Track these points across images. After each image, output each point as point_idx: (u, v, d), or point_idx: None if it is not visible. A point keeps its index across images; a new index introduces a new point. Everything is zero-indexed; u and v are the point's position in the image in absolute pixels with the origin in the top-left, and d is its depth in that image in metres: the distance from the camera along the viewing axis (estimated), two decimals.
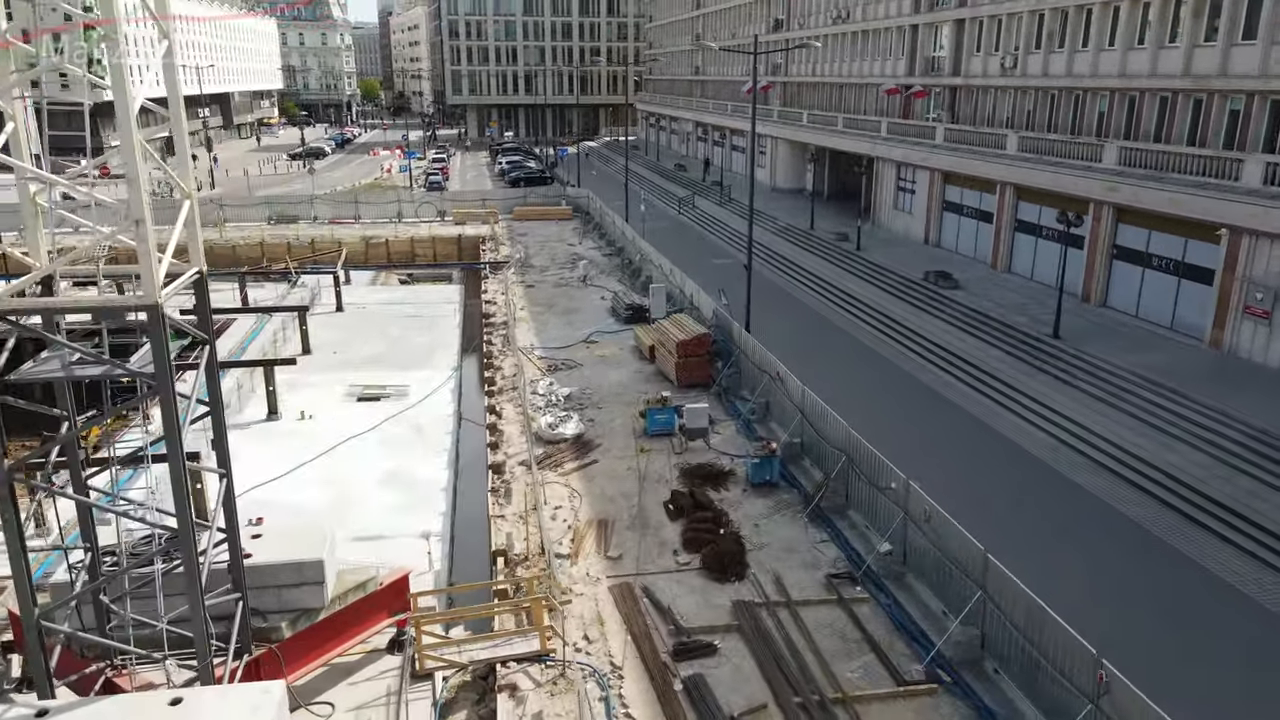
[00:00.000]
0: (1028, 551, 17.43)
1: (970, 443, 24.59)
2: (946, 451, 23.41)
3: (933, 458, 21.97)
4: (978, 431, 25.37)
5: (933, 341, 31.66)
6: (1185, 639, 16.28)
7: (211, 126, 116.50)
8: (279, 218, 58.46)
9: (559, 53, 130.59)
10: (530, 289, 42.18)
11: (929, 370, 30.02)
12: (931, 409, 26.98)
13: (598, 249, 51.03)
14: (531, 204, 62.58)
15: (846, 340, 34.08)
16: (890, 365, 30.97)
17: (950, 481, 19.75)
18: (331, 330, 39.05)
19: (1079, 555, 18.72)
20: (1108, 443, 23.19)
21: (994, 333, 31.74)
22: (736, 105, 77.38)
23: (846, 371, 29.77)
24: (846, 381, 27.67)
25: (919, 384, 29.12)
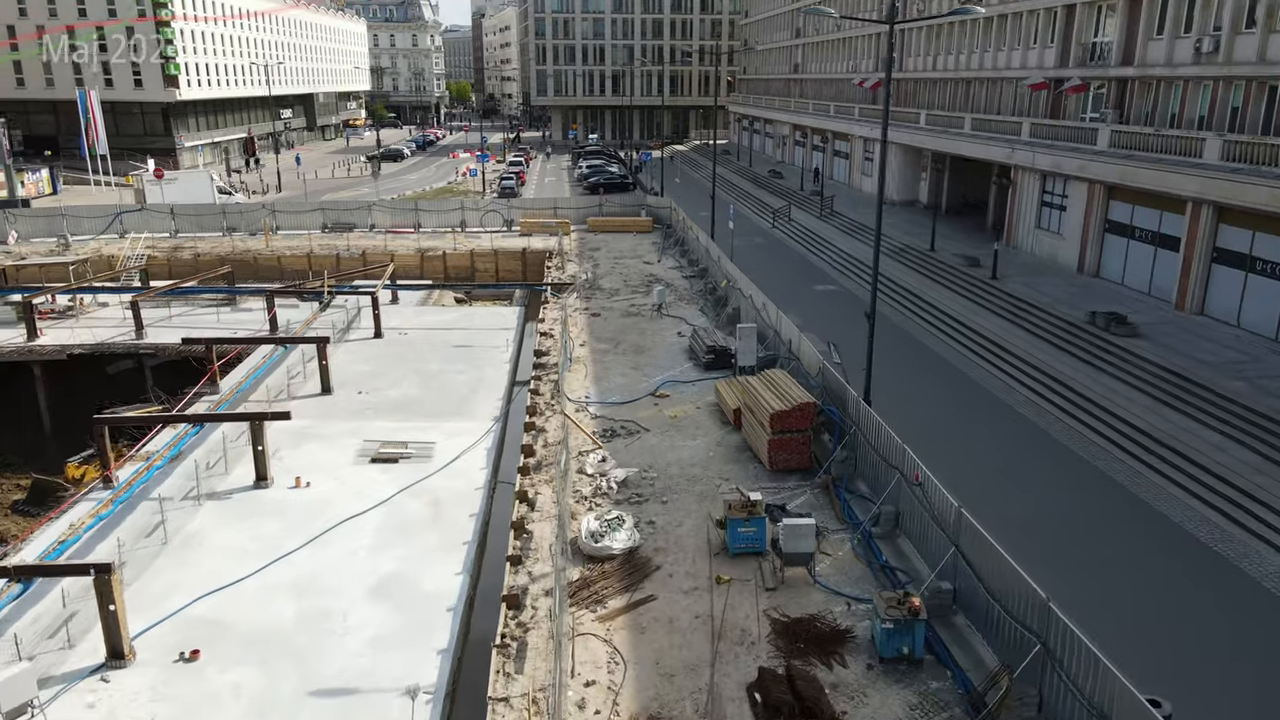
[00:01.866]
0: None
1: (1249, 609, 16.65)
2: (1217, 637, 15.58)
3: (1205, 647, 14.26)
4: (1254, 594, 17.29)
5: (1126, 421, 23.57)
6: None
7: (294, 128, 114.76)
8: (333, 225, 53.69)
9: (649, 52, 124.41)
10: (595, 318, 35.63)
11: (1129, 466, 21.91)
12: (1159, 539, 19.03)
13: (678, 269, 44.17)
14: (608, 214, 56.20)
15: (997, 409, 26.25)
16: (1069, 455, 23.01)
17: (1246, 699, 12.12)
18: (363, 362, 33.42)
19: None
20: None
21: (1212, 409, 23.44)
22: (841, 106, 69.45)
23: (1009, 464, 22.11)
24: (1015, 483, 20.09)
25: (1121, 490, 21.11)
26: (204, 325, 37.30)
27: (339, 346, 34.88)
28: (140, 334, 35.58)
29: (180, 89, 78.29)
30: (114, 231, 51.29)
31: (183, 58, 78.63)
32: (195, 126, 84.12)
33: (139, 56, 60.05)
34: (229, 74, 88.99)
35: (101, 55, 76.00)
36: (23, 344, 34.85)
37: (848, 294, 39.95)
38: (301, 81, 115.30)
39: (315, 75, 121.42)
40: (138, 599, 18.05)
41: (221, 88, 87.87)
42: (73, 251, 47.33)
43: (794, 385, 21.99)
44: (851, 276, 42.35)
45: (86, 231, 51.01)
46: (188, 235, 51.66)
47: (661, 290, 35.24)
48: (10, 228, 49.58)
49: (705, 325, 33.48)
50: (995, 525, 14.81)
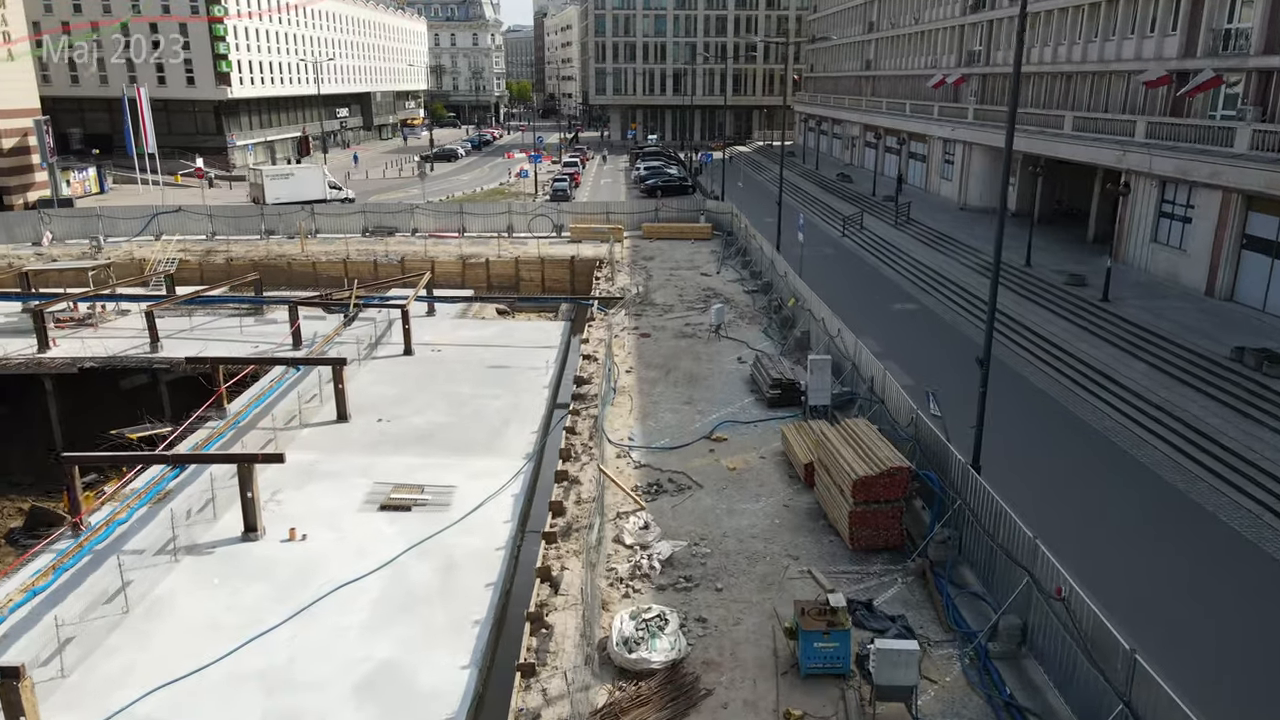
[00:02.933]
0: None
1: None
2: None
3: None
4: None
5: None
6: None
7: (350, 127, 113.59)
8: (374, 229, 50.95)
9: (712, 49, 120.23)
10: (644, 339, 31.81)
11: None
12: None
13: (738, 282, 40.10)
14: (665, 219, 52.40)
15: (1130, 469, 21.54)
16: (1246, 548, 18.28)
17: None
18: (388, 382, 30.25)
19: None
20: None
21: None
22: (918, 105, 64.45)
23: (1172, 562, 17.54)
24: (1193, 596, 15.62)
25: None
26: (225, 337, 34.63)
27: (364, 365, 31.80)
28: (155, 347, 33.00)
29: (232, 87, 76.91)
30: (151, 233, 49.36)
31: (235, 55, 77.29)
32: (248, 125, 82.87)
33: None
34: (283, 72, 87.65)
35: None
36: (33, 355, 32.53)
37: (930, 314, 35.40)
38: (358, 80, 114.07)
39: (373, 74, 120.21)
40: (74, 694, 14.90)
41: (275, 86, 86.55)
42: (104, 254, 45.39)
43: (881, 442, 17.82)
44: (934, 293, 37.74)
45: (123, 233, 49.16)
46: (225, 238, 49.47)
47: (720, 309, 31.25)
48: (45, 228, 47.95)
49: (769, 351, 29.40)
50: (1179, 664, 10.54)
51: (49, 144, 55.98)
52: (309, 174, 65.14)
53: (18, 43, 54.96)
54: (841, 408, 24.04)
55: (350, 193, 66.80)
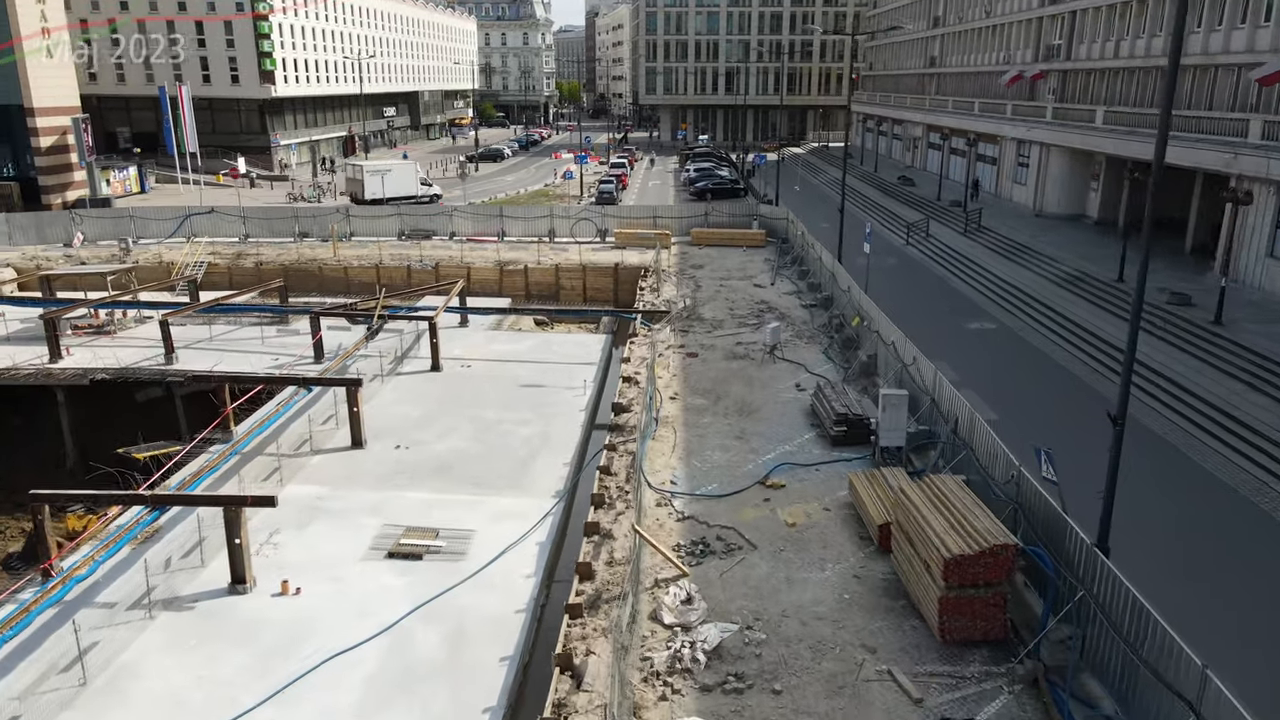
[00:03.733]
0: None
1: None
2: None
3: None
4: None
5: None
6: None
7: (397, 126, 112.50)
8: (410, 232, 48.77)
9: (766, 47, 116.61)
10: (691, 360, 28.81)
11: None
12: None
13: (794, 295, 36.87)
14: (715, 224, 49.34)
15: (1275, 535, 17.96)
16: None
17: None
18: (411, 402, 27.83)
19: None
20: None
21: None
22: (988, 104, 60.36)
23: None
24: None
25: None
26: (244, 348, 32.56)
27: (387, 382, 29.40)
28: (170, 358, 31.02)
29: (276, 85, 75.76)
30: (183, 235, 47.83)
31: (280, 53, 76.12)
32: (292, 125, 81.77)
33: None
34: (329, 71, 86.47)
35: (200, 50, 74.25)
36: (43, 365, 30.76)
37: (1010, 335, 31.79)
38: (406, 79, 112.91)
39: (421, 73, 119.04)
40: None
41: (320, 85, 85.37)
42: (133, 256, 43.89)
43: (978, 510, 14.59)
44: (1013, 310, 34.10)
45: (155, 235, 47.73)
46: (257, 240, 47.72)
47: (776, 328, 28.11)
48: (77, 229, 46.69)
49: (831, 378, 26.17)
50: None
51: (87, 142, 54.99)
52: (404, 170, 64.69)
53: (55, 32, 53.99)
54: (918, 450, 20.80)
55: (437, 189, 66.60)
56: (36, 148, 54.48)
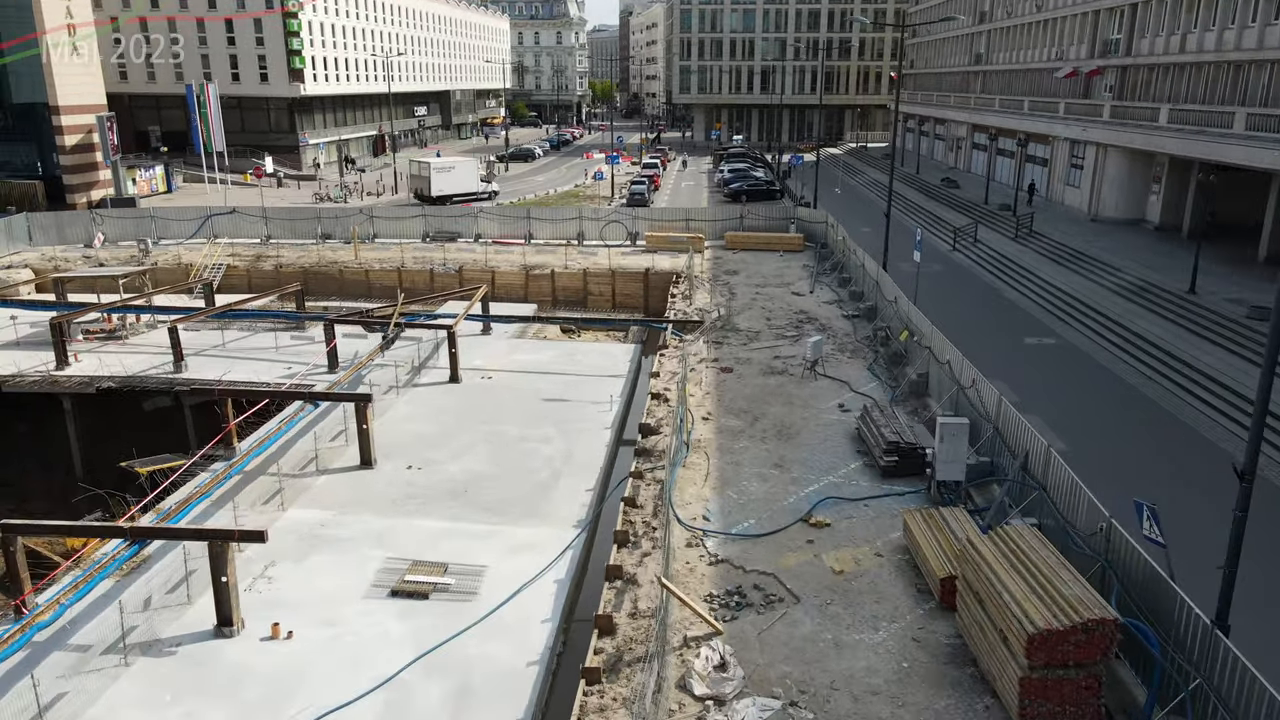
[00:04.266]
0: None
1: None
2: None
3: None
4: None
5: None
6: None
7: (428, 126, 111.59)
8: (435, 235, 47.26)
9: (803, 45, 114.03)
10: (725, 375, 26.79)
11: None
12: None
13: (835, 304, 34.70)
14: (750, 228, 47.24)
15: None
16: None
17: None
18: (427, 417, 26.18)
19: None
20: None
21: None
22: (1038, 102, 57.58)
23: None
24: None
25: None
26: (257, 355, 31.13)
27: (402, 394, 27.78)
28: (179, 366, 29.67)
29: (305, 83, 74.85)
30: (205, 235, 46.75)
31: (309, 51, 75.20)
32: (322, 123, 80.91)
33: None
34: (358, 69, 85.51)
35: (230, 49, 73.55)
36: (47, 373, 29.55)
37: (1073, 351, 29.38)
38: (437, 78, 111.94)
39: (452, 71, 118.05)
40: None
41: (350, 83, 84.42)
42: (152, 258, 42.84)
43: (1063, 570, 12.44)
44: (1073, 323, 31.66)
45: (176, 235, 46.70)
46: (279, 241, 46.50)
47: (818, 342, 26.00)
48: (98, 229, 45.79)
49: (877, 398, 24.03)
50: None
51: (112, 141, 54.23)
52: (467, 166, 65.93)
53: (81, 28, 53.31)
54: (978, 484, 18.65)
55: (495, 185, 67.69)
56: (61, 146, 53.85)
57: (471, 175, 65.53)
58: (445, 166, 64.64)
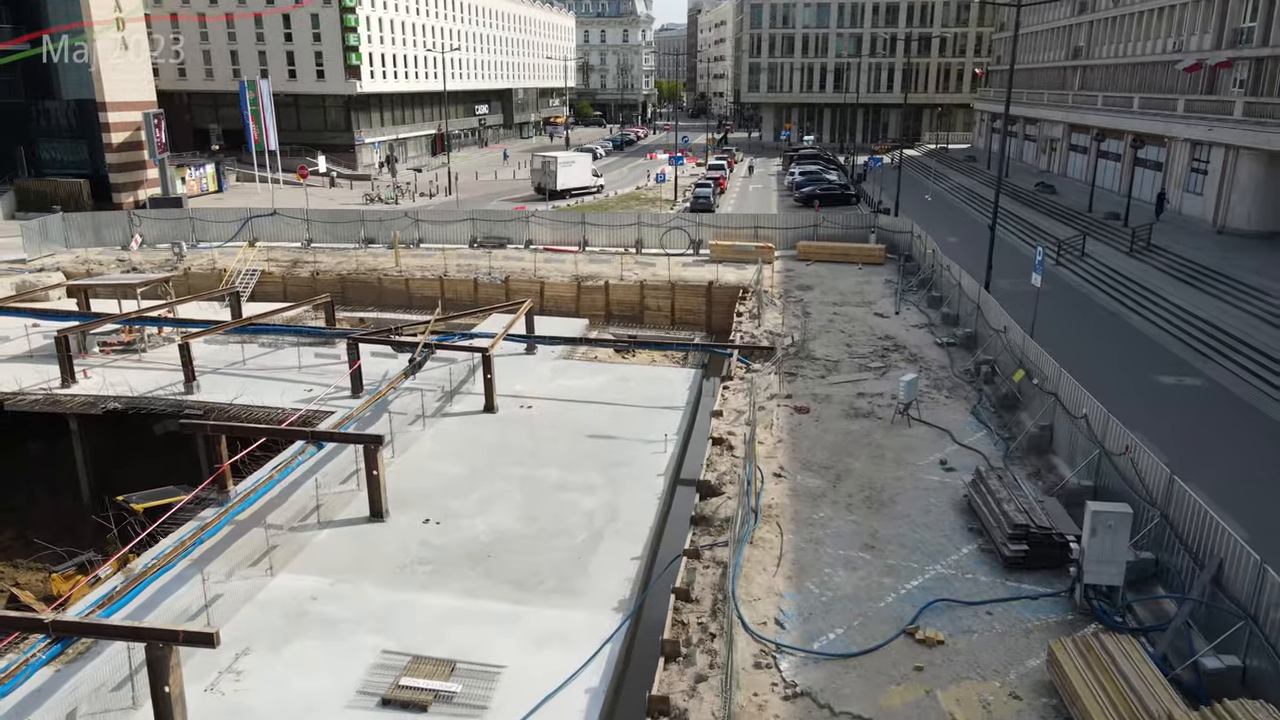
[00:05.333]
0: None
1: None
2: None
3: None
4: None
5: None
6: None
7: (489, 125, 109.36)
8: (483, 240, 44.08)
9: (879, 42, 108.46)
10: (800, 416, 22.70)
11: None
12: None
13: (926, 328, 30.25)
14: (825, 237, 42.90)
15: None
16: None
17: None
18: (454, 455, 22.93)
19: None
20: None
21: None
22: (1151, 99, 51.82)
23: None
24: None
25: None
26: (277, 374, 28.19)
27: (429, 426, 24.53)
28: (190, 386, 26.87)
29: (362, 80, 72.79)
30: (244, 238, 44.44)
31: (367, 48, 73.15)
32: (379, 122, 78.87)
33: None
34: (417, 66, 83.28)
35: (287, 44, 71.92)
36: (50, 392, 27.05)
37: (1227, 396, 24.40)
38: (500, 76, 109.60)
39: (515, 69, 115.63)
40: None
41: (409, 81, 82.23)
42: (186, 262, 40.58)
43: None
44: (1219, 360, 26.66)
45: (215, 237, 44.49)
46: (321, 246, 43.89)
47: (911, 383, 21.72)
48: (135, 231, 43.82)
49: (985, 452, 19.71)
50: None
51: (159, 138, 52.53)
52: (583, 161, 68.18)
53: (131, 23, 51.71)
54: (1138, 587, 14.29)
55: (603, 180, 69.00)
56: (108, 144, 52.37)
57: (586, 170, 67.34)
58: (568, 161, 66.41)
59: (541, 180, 64.88)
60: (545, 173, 64.81)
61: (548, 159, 65.65)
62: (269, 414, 25.62)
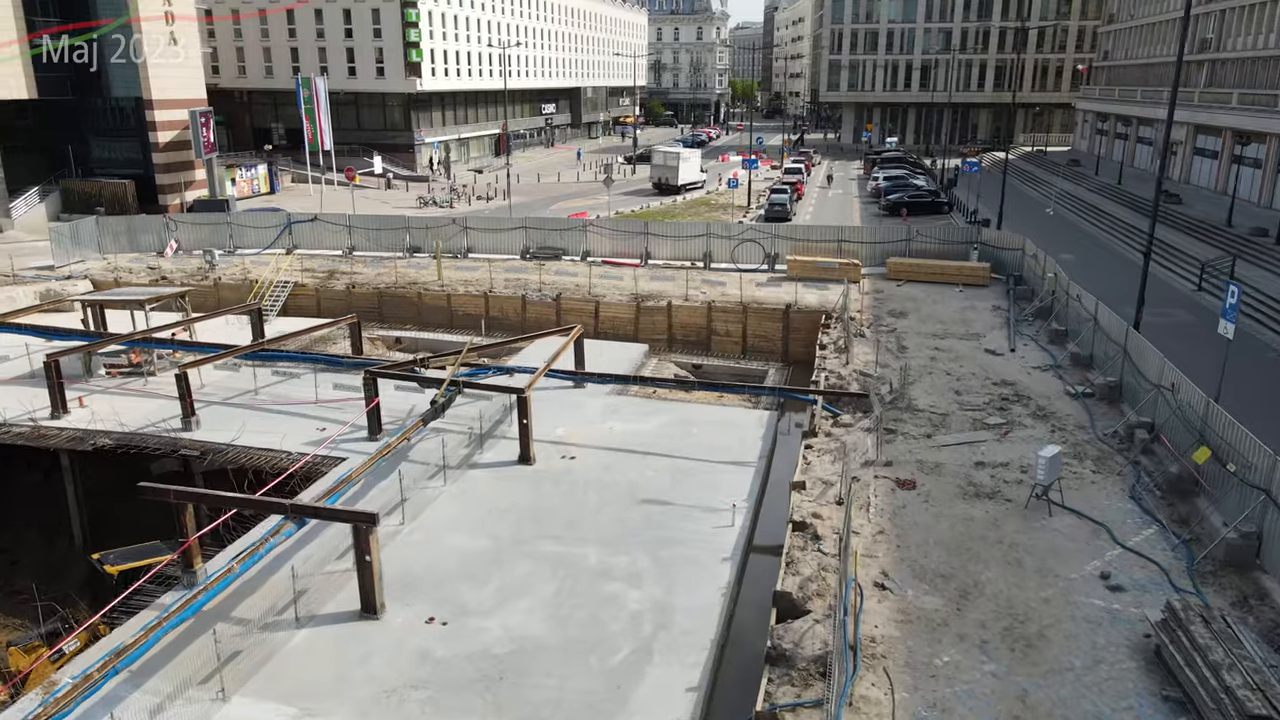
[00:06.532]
0: None
1: None
2: None
3: None
4: None
5: None
6: None
7: (556, 124, 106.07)
8: (537, 250, 40.17)
9: (970, 36, 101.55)
10: (903, 495, 17.91)
11: None
12: None
13: (1051, 371, 25.00)
14: (919, 253, 37.72)
15: None
16: None
17: None
18: (475, 524, 19.21)
19: None
20: None
21: None
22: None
23: None
24: None
25: None
26: (288, 408, 24.67)
27: (451, 481, 20.75)
28: (188, 422, 23.52)
29: (422, 78, 69.94)
30: (283, 245, 41.49)
31: (428, 44, 70.27)
32: (440, 121, 76.01)
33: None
34: (480, 63, 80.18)
35: (347, 41, 69.54)
36: (35, 424, 23.98)
37: None
38: (568, 74, 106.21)
39: (584, 67, 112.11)
40: None
41: (471, 79, 79.20)
42: (218, 272, 37.68)
43: None
44: None
45: (253, 244, 41.63)
46: (362, 254, 40.62)
47: (1053, 460, 16.73)
48: (171, 236, 41.23)
49: (1164, 565, 14.69)
50: None
51: (206, 138, 50.20)
52: (696, 158, 70.05)
53: (181, 21, 49.44)
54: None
55: (705, 177, 69.65)
56: (155, 144, 50.25)
57: (698, 165, 69.12)
58: (687, 156, 67.67)
59: (663, 176, 65.50)
60: (666, 168, 65.36)
61: (668, 154, 66.54)
62: (270, 459, 22.07)
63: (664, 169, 66.21)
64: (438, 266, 36.52)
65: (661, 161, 66.93)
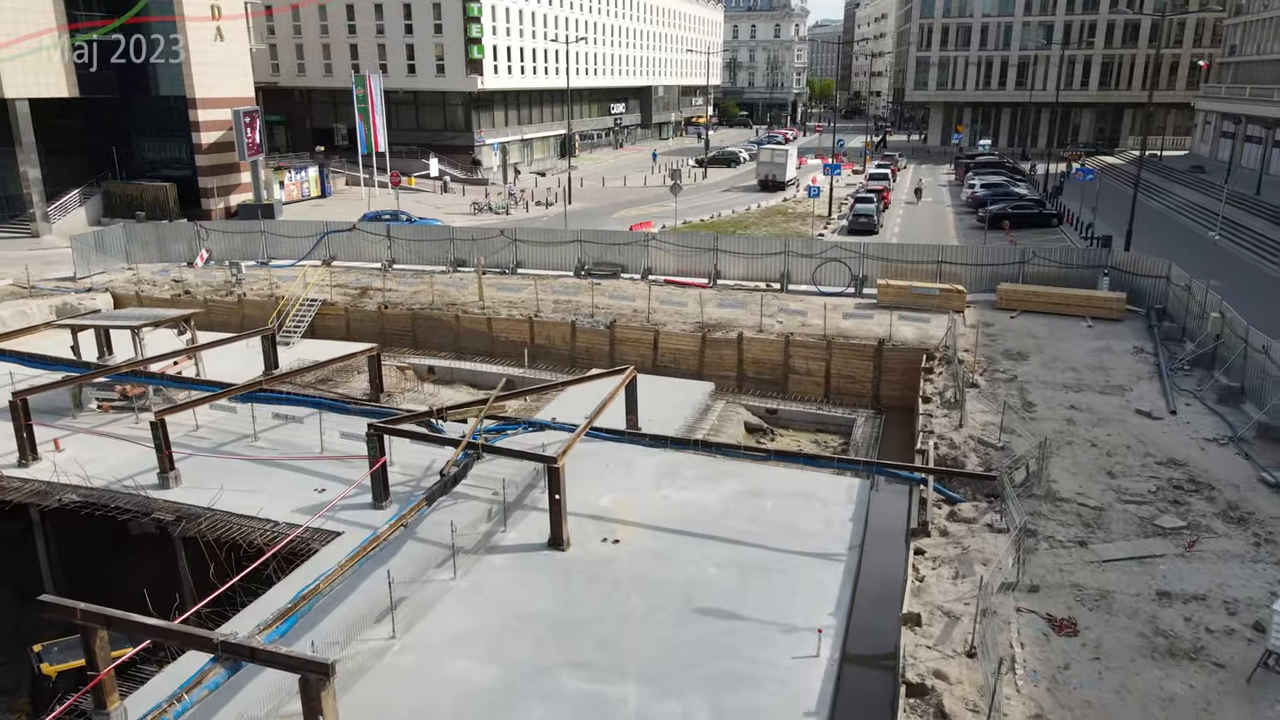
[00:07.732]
0: None
1: None
2: None
3: None
4: None
5: None
6: None
7: (626, 125, 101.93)
8: (593, 267, 35.89)
9: (1074, 30, 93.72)
10: (1060, 644, 12.88)
11: None
12: None
13: (1230, 443, 19.46)
14: (1035, 278, 32.16)
15: None
16: None
17: None
18: (486, 641, 15.01)
19: None
20: None
21: None
22: None
23: None
24: None
25: None
26: (285, 462, 20.85)
27: (463, 571, 16.79)
28: (165, 477, 19.91)
29: (484, 76, 66.46)
30: (320, 256, 38.15)
31: (491, 40, 66.78)
32: (501, 121, 72.53)
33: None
34: (545, 60, 76.43)
35: (407, 37, 66.50)
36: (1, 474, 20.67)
37: None
38: (639, 72, 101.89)
39: (655, 65, 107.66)
40: None
41: (537, 76, 75.52)
42: (243, 287, 34.43)
43: None
44: None
45: (288, 254, 38.39)
46: (403, 268, 36.96)
47: (1267, 594, 11.66)
48: (202, 245, 38.27)
49: None
50: None
51: (251, 138, 47.40)
52: (794, 152, 71.22)
53: (225, 20, 46.78)
54: None
55: (795, 174, 69.13)
56: (198, 144, 47.69)
57: (795, 161, 69.72)
58: (792, 154, 68.96)
59: (770, 173, 65.56)
60: (774, 164, 65.72)
61: (775, 150, 67.63)
62: (251, 531, 18.21)
63: (771, 165, 65.84)
64: (479, 285, 32.49)
65: (769, 159, 66.67)
